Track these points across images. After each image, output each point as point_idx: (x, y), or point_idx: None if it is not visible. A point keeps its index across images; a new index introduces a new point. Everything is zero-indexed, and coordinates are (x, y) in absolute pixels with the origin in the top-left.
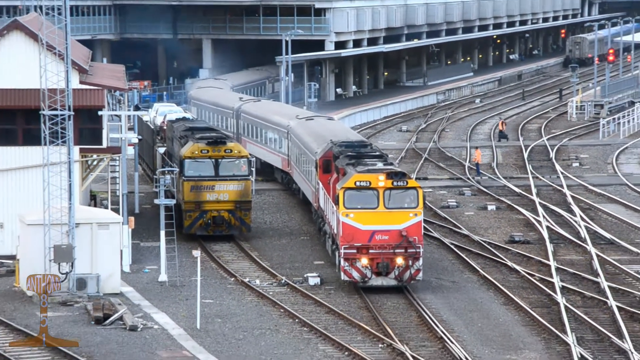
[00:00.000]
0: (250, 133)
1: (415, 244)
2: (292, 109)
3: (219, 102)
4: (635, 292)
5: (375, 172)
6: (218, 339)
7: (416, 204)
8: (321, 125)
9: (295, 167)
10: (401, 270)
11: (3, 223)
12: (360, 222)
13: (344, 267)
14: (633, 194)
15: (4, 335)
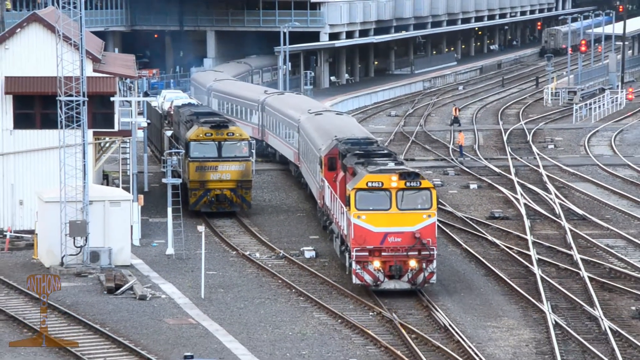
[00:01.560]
0: (271, 125)
1: (429, 246)
2: (309, 103)
3: (243, 94)
4: (605, 263)
5: (387, 173)
6: (221, 308)
7: (430, 205)
8: (328, 120)
9: (304, 162)
10: (414, 273)
11: (22, 200)
12: (372, 224)
13: (355, 270)
14: (603, 173)
15: (24, 304)
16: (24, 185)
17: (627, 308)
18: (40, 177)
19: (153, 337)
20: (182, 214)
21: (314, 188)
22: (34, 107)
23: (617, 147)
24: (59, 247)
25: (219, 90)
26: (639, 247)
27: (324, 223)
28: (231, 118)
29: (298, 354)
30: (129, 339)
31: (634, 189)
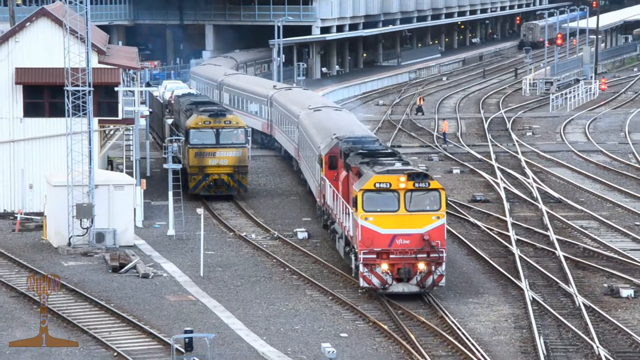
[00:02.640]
0: (277, 121)
1: (438, 249)
2: (312, 99)
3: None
4: (580, 243)
5: (395, 173)
6: (219, 285)
7: (439, 206)
8: (327, 116)
9: (303, 158)
10: (423, 276)
11: (32, 184)
12: (380, 226)
13: (363, 273)
14: (578, 159)
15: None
16: (33, 170)
17: (600, 285)
18: (49, 162)
19: (155, 313)
20: (182, 198)
21: (313, 186)
22: (42, 97)
23: (590, 135)
24: (66, 228)
25: (230, 85)
26: (611, 228)
27: (325, 222)
28: (242, 113)
29: (291, 329)
30: (133, 314)
31: (606, 174)
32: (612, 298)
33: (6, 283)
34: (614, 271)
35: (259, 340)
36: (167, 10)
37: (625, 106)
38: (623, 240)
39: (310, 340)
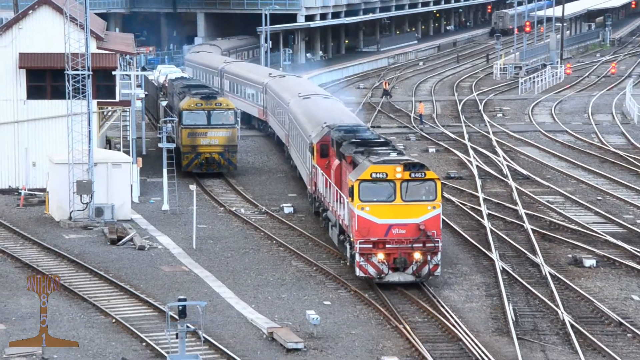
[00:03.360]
0: (270, 107)
1: (433, 238)
2: (302, 87)
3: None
4: (546, 217)
5: (391, 163)
6: (210, 257)
7: (434, 196)
8: (316, 104)
9: (293, 145)
10: (419, 265)
11: (35, 162)
12: (376, 216)
13: (359, 262)
14: (545, 138)
15: (37, 253)
16: (36, 149)
17: (565, 256)
18: (51, 141)
19: (151, 282)
20: (176, 175)
21: (304, 172)
22: (44, 80)
23: (556, 116)
24: (67, 203)
25: (230, 73)
26: (575, 202)
27: (316, 209)
28: (241, 99)
29: (278, 297)
30: (130, 284)
31: (571, 152)
32: (575, 268)
33: (11, 254)
34: (578, 243)
35: (248, 307)
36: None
37: (589, 89)
38: (586, 214)
39: (296, 307)
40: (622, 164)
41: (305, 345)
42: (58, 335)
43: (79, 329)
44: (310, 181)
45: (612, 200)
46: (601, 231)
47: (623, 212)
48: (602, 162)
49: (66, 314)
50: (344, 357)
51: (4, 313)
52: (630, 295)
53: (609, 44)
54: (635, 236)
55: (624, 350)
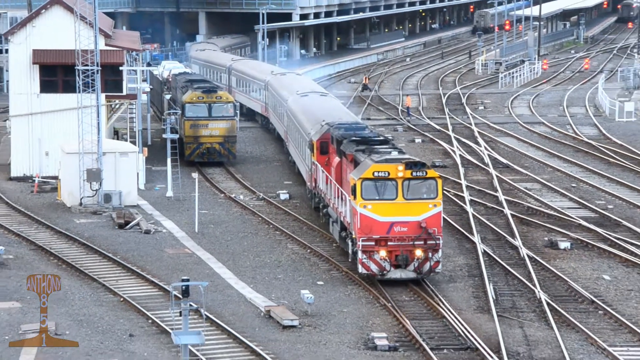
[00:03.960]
0: (271, 104)
1: (434, 236)
2: (301, 85)
3: (254, 74)
4: (524, 203)
5: (393, 162)
6: (211, 240)
7: (435, 194)
8: (314, 102)
9: (291, 141)
10: (420, 262)
11: (48, 152)
12: (379, 214)
13: (361, 259)
14: (523, 129)
15: (49, 236)
16: (49, 139)
17: (541, 239)
18: (62, 132)
19: (156, 264)
20: (179, 164)
21: (303, 169)
22: (56, 75)
23: (534, 108)
24: (78, 190)
25: (237, 70)
26: (551, 189)
27: (316, 205)
28: (247, 96)
29: (275, 278)
30: (136, 265)
31: (547, 143)
32: (551, 250)
33: (26, 238)
34: (554, 226)
35: (247, 287)
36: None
37: (564, 84)
38: (561, 200)
39: (291, 287)
40: (594, 154)
41: (300, 323)
42: (71, 313)
43: (90, 307)
44: (309, 177)
45: (586, 187)
46: (575, 216)
47: (595, 198)
48: (576, 152)
49: (77, 293)
50: (336, 333)
51: (19, 292)
52: (602, 275)
53: (582, 42)
54: (607, 220)
55: (596, 327)
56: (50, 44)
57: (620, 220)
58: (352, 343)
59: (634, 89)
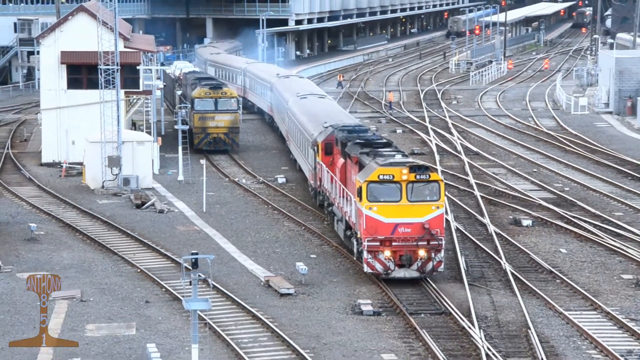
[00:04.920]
0: (275, 105)
1: (437, 237)
2: (302, 87)
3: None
4: (492, 185)
5: (398, 166)
6: (217, 219)
7: (438, 196)
8: (313, 104)
9: (292, 141)
10: (423, 262)
11: (74, 141)
12: (384, 215)
13: (367, 259)
14: (491, 121)
15: (76, 215)
16: (75, 130)
17: (506, 217)
18: (87, 124)
19: (169, 239)
20: (189, 151)
21: (305, 167)
22: (81, 73)
23: (500, 103)
24: (100, 174)
25: (250, 72)
26: (515, 174)
27: (320, 202)
28: (257, 95)
29: (273, 252)
30: (151, 240)
31: (512, 133)
32: (515, 227)
33: (55, 216)
34: (517, 206)
35: (248, 260)
36: (177, 6)
37: (527, 81)
38: (524, 183)
39: (288, 260)
40: (553, 142)
41: (295, 291)
42: (95, 282)
43: (111, 277)
44: (313, 176)
45: (545, 171)
46: (536, 197)
47: (554, 182)
48: (537, 141)
49: (100, 264)
50: (327, 300)
51: (49, 264)
52: (559, 249)
53: (542, 45)
54: (564, 201)
55: (554, 293)
56: (76, 46)
57: (575, 201)
58: (341, 309)
59: (587, 86)
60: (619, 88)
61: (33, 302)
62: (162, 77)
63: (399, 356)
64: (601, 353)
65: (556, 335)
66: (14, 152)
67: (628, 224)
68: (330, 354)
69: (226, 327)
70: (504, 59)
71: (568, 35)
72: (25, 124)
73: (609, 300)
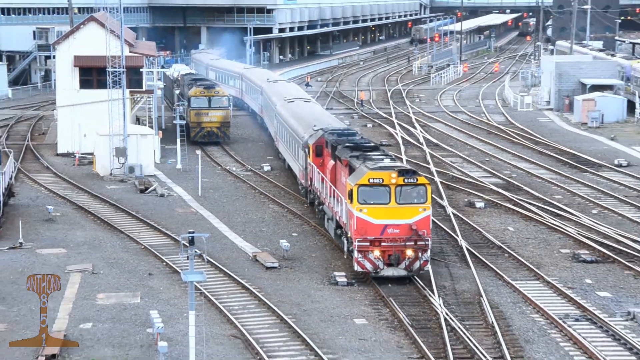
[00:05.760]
0: (265, 108)
1: (424, 237)
2: (288, 91)
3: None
4: (450, 172)
5: (387, 170)
6: (211, 202)
7: (425, 199)
8: (300, 108)
9: (281, 142)
10: (411, 261)
11: (86, 134)
12: (373, 217)
13: (357, 258)
14: (449, 117)
15: (87, 199)
16: (86, 125)
17: (462, 200)
18: (96, 119)
19: (169, 220)
20: (186, 143)
21: (296, 167)
22: (92, 75)
23: (457, 101)
24: (109, 163)
25: (246, 77)
26: (470, 162)
27: (311, 200)
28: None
29: (260, 230)
30: (154, 221)
31: (467, 127)
32: (470, 208)
33: (69, 199)
34: (472, 191)
35: (238, 238)
36: (175, 16)
37: (479, 82)
38: (477, 171)
39: (273, 238)
40: (502, 135)
41: (279, 264)
42: (104, 257)
43: (118, 253)
44: (304, 176)
45: (496, 160)
46: (488, 182)
47: (503, 169)
48: (489, 134)
49: (109, 242)
50: (307, 272)
51: (64, 241)
52: (507, 227)
53: (493, 50)
54: (511, 186)
55: (503, 266)
56: (87, 51)
57: (521, 186)
58: (319, 280)
59: (531, 87)
60: (558, 88)
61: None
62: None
63: (369, 321)
64: (542, 317)
65: (504, 302)
66: (33, 143)
67: (566, 206)
68: (309, 319)
69: (219, 296)
70: (460, 62)
71: (515, 43)
72: (43, 119)
73: (549, 271)
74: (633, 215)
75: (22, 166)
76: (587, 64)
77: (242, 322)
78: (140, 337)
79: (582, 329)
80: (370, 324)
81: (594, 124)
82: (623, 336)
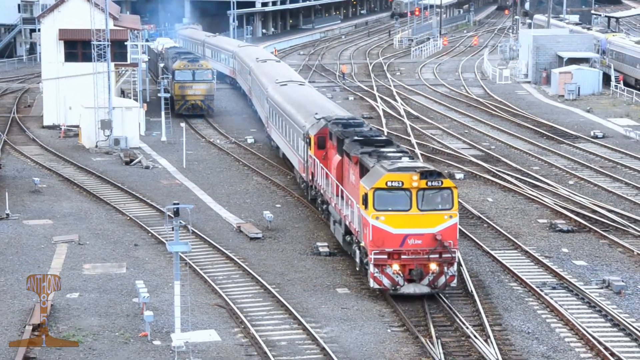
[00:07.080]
0: (254, 89)
1: (450, 249)
2: (280, 73)
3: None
4: (430, 145)
5: (407, 171)
6: (196, 174)
7: (451, 205)
8: (295, 91)
9: (274, 128)
10: (435, 276)
11: (71, 107)
12: (392, 226)
13: (373, 273)
14: (429, 89)
15: (73, 170)
16: (72, 97)
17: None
18: (82, 92)
19: (154, 192)
20: (171, 115)
21: (294, 158)
22: (77, 48)
23: (437, 74)
24: (94, 135)
25: (238, 55)
26: (450, 134)
27: (312, 197)
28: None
29: (244, 202)
30: (139, 192)
31: (447, 100)
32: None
33: (55, 171)
34: (452, 162)
35: (223, 209)
36: None
37: (459, 55)
38: (457, 143)
39: (256, 209)
40: (481, 108)
41: (263, 235)
42: (90, 228)
43: (104, 224)
44: (304, 169)
45: (475, 132)
46: (467, 154)
47: (482, 141)
48: (468, 106)
49: (95, 213)
50: (290, 243)
51: (51, 212)
52: (486, 198)
53: (472, 24)
54: (490, 157)
55: (482, 236)
56: (72, 24)
57: (500, 157)
58: (302, 250)
59: (510, 60)
60: (536, 61)
61: (37, 245)
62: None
63: (351, 290)
64: (520, 285)
65: (483, 271)
66: (19, 116)
67: (543, 177)
68: (293, 288)
69: (204, 267)
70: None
71: (494, 17)
72: (28, 92)
73: (527, 241)
74: (608, 185)
75: (8, 138)
76: (563, 38)
77: (227, 292)
78: (126, 306)
79: (559, 296)
80: (352, 293)
81: (570, 96)
82: (598, 303)
